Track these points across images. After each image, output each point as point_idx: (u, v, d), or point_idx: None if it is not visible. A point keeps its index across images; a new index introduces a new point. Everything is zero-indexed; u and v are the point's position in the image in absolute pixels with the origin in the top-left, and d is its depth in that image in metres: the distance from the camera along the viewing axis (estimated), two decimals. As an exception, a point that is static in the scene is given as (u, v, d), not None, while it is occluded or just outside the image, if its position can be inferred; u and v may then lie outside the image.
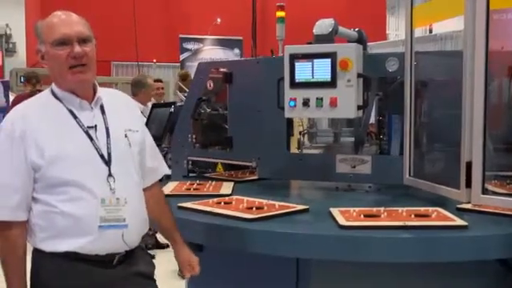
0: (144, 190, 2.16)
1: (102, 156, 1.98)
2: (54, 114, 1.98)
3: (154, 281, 2.19)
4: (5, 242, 1.94)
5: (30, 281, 2.00)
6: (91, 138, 1.98)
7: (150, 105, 6.20)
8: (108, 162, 1.98)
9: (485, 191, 2.37)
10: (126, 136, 2.07)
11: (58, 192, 1.91)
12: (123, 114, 2.14)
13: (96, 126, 2.01)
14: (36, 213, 1.94)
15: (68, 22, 1.96)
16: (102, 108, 2.06)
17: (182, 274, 2.30)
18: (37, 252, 1.97)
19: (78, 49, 1.94)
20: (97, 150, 1.98)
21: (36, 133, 1.91)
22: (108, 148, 1.99)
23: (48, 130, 1.94)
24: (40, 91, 2.47)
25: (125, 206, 1.98)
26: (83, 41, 1.96)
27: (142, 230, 2.10)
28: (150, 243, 6.03)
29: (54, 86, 2.04)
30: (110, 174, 1.97)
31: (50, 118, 1.97)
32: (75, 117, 1.99)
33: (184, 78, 7.53)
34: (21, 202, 1.93)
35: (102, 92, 2.09)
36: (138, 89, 6.10)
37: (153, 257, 4.28)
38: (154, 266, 2.21)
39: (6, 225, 1.93)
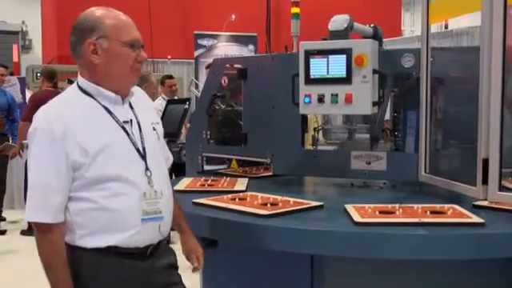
0: None
1: (138, 150, 2.00)
2: (90, 110, 1.98)
3: (177, 268, 2.21)
4: (49, 245, 1.92)
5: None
6: (127, 133, 2.00)
7: (157, 101, 6.27)
8: (144, 156, 2.01)
9: (502, 188, 2.35)
10: (154, 129, 2.12)
11: (100, 188, 1.91)
12: (146, 108, 2.17)
13: (131, 120, 2.03)
14: (75, 211, 1.92)
15: (133, 25, 2.02)
16: (129, 104, 2.08)
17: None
18: (75, 249, 1.95)
19: (144, 55, 2.01)
20: (133, 144, 2.00)
21: (76, 131, 1.90)
22: (142, 142, 2.02)
23: (87, 127, 1.93)
24: (58, 87, 2.48)
25: (161, 199, 2.02)
26: (142, 46, 2.03)
27: (171, 220, 2.14)
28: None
29: (84, 81, 2.01)
30: (147, 168, 2.00)
31: (87, 115, 1.96)
32: (110, 112, 1.99)
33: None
34: (62, 203, 1.92)
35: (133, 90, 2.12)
36: (140, 84, 6.12)
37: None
38: (176, 256, 2.23)
39: (49, 227, 1.91)
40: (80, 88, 2.02)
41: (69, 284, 1.91)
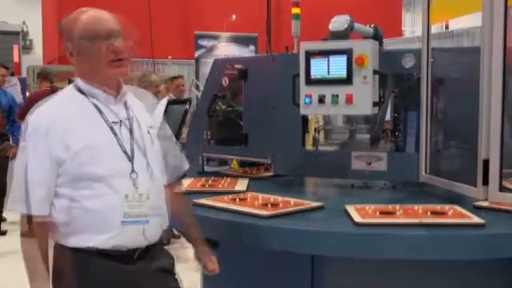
0: (165, 186, 2.18)
1: (125, 152, 1.99)
2: (80, 108, 1.99)
3: (174, 274, 2.20)
4: (30, 236, 1.96)
5: (51, 276, 1.99)
6: (115, 134, 1.99)
7: (164, 101, 6.22)
8: (131, 158, 1.99)
9: (502, 189, 2.35)
10: (148, 132, 2.09)
11: (82, 187, 1.92)
12: (144, 110, 2.16)
13: (121, 121, 2.02)
14: (59, 208, 1.95)
15: (103, 17, 2.01)
16: (125, 104, 2.07)
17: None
18: (58, 248, 1.98)
19: (117, 44, 1.97)
20: (120, 145, 1.99)
21: (61, 128, 1.92)
22: (131, 144, 2.01)
23: (73, 124, 1.95)
24: (56, 87, 2.50)
25: (147, 202, 1.99)
26: (120, 36, 2.01)
27: (162, 225, 2.11)
28: (165, 238, 6.06)
29: (79, 81, 2.04)
30: (132, 170, 1.98)
31: (76, 112, 1.98)
32: (100, 112, 2.00)
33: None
34: (46, 196, 1.94)
35: (125, 88, 2.11)
36: (141, 83, 6.14)
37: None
38: (173, 260, 2.22)
39: (31, 219, 1.95)
40: (76, 87, 2.04)
41: (44, 275, 1.94)
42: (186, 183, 3.13)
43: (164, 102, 6.50)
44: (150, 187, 2.02)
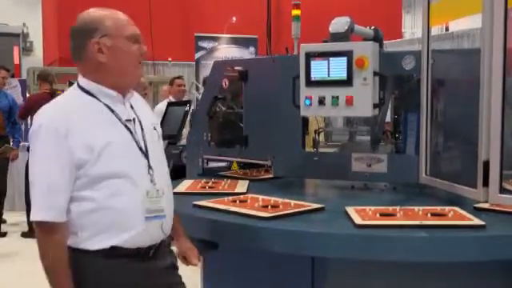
0: None
1: (140, 148, 2.01)
2: (92, 109, 1.98)
3: (178, 269, 2.22)
4: (52, 245, 1.90)
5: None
6: (130, 131, 2.01)
7: (165, 102, 6.23)
8: (146, 154, 2.02)
9: (502, 190, 2.35)
10: (154, 129, 2.14)
11: (103, 186, 1.90)
12: (145, 109, 2.20)
13: (134, 119, 2.05)
14: (76, 213, 1.91)
15: (131, 21, 2.06)
16: (130, 104, 2.09)
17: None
18: (77, 253, 1.93)
19: (145, 48, 2.06)
20: (136, 142, 2.01)
21: (80, 129, 1.90)
22: (144, 141, 2.04)
23: (90, 124, 1.94)
24: (55, 89, 2.50)
25: (163, 197, 2.03)
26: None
27: (173, 219, 2.15)
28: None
29: (84, 81, 2.02)
30: (149, 166, 2.01)
31: (90, 113, 1.97)
32: (112, 111, 2.00)
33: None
34: (66, 201, 1.90)
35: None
36: None
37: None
38: (176, 256, 2.24)
39: (53, 227, 1.89)
40: (81, 88, 2.02)
41: (69, 287, 1.90)
42: (187, 185, 3.13)
43: (164, 103, 6.52)
44: (164, 182, 2.07)
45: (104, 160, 1.90)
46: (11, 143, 7.12)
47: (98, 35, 1.97)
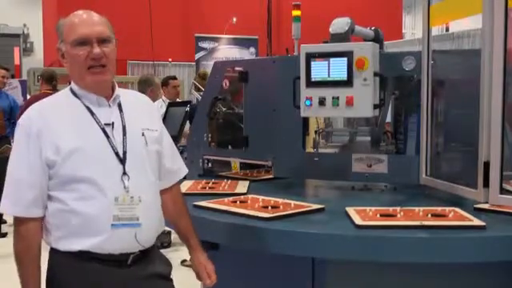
0: (162, 190, 2.16)
1: (117, 154, 1.97)
2: (72, 110, 1.99)
3: (171, 280, 2.17)
4: (20, 239, 1.97)
5: (45, 280, 2.00)
6: (107, 136, 1.97)
7: (156, 103, 6.23)
8: (123, 160, 1.97)
9: (503, 191, 2.35)
10: (143, 135, 2.05)
11: (71, 189, 1.91)
12: (141, 113, 2.13)
13: (113, 123, 2.00)
14: (51, 211, 1.94)
15: (89, 21, 1.96)
16: (119, 106, 2.05)
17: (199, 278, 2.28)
18: (52, 251, 1.97)
19: (97, 50, 1.93)
20: (112, 147, 1.97)
21: (52, 129, 1.92)
22: (124, 146, 1.98)
23: (64, 126, 1.94)
24: (57, 90, 2.51)
25: (138, 205, 1.96)
26: (103, 41, 1.96)
27: (156, 229, 2.08)
28: (165, 241, 6.06)
29: (73, 84, 2.04)
30: (124, 173, 1.96)
31: (67, 114, 1.98)
32: (92, 113, 1.99)
33: (204, 77, 7.52)
34: (36, 198, 1.93)
35: (121, 91, 2.09)
36: (145, 87, 6.13)
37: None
38: (170, 266, 2.20)
39: (21, 221, 1.96)
40: (71, 89, 2.05)
41: (36, 280, 1.95)
42: (187, 185, 3.13)
43: (163, 104, 6.51)
44: (143, 190, 1.99)
45: (71, 164, 1.91)
46: (11, 143, 7.12)
47: (59, 41, 2.01)
